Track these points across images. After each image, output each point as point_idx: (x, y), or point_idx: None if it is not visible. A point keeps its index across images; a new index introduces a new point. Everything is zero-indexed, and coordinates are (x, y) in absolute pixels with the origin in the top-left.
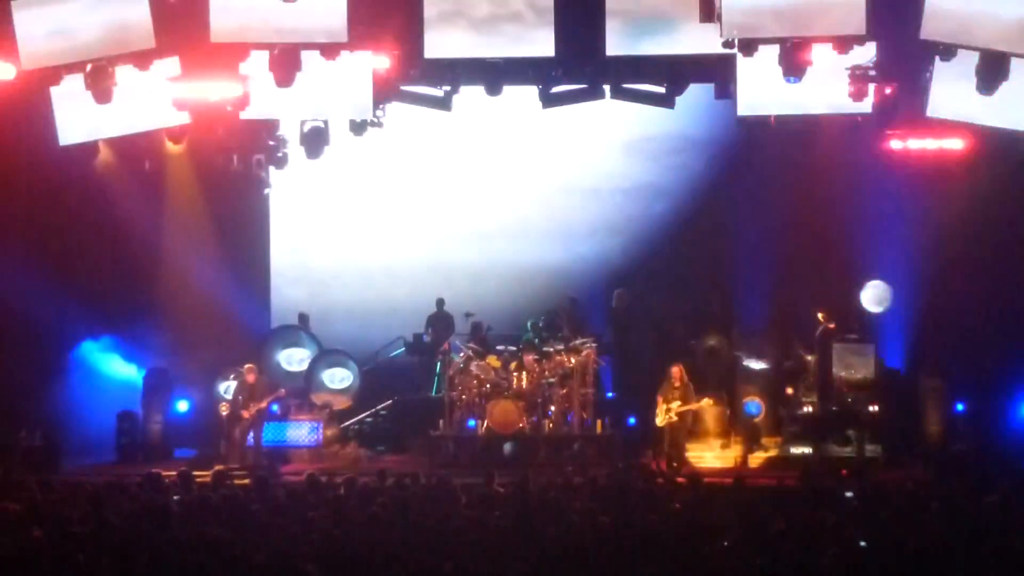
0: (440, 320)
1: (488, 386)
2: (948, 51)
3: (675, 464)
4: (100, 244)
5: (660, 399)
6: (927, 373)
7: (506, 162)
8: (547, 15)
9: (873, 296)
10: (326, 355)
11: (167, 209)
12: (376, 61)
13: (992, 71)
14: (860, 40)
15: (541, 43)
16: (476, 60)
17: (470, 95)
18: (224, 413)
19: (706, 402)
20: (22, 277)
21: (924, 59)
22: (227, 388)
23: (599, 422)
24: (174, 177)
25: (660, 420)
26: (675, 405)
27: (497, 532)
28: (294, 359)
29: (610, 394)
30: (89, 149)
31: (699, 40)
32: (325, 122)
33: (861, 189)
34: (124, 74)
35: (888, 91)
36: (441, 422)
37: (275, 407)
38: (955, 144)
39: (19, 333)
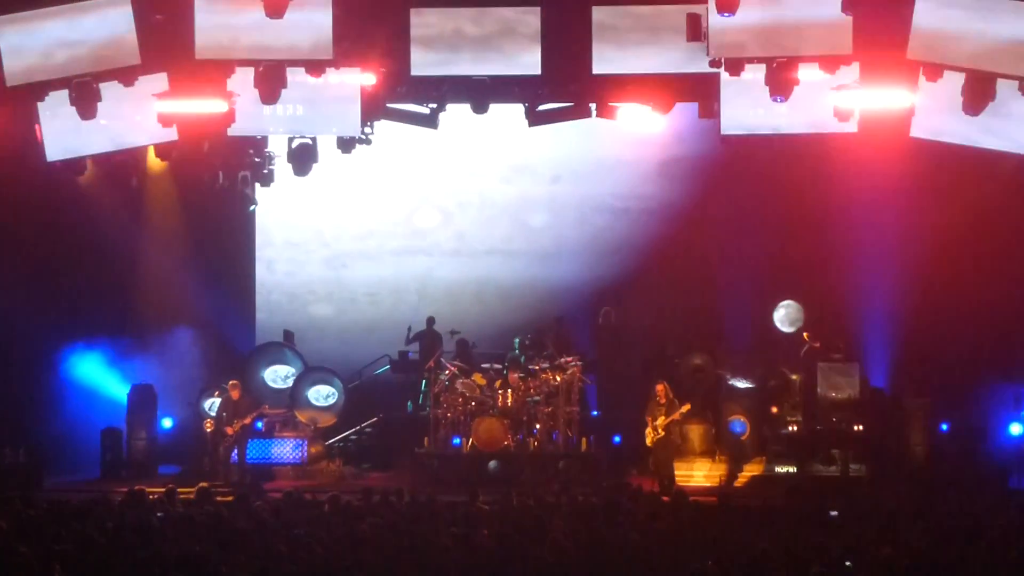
0: (429, 338)
1: (473, 404)
2: (934, 72)
3: (666, 483)
4: (87, 261)
5: (648, 419)
6: (912, 393)
7: (491, 181)
8: (534, 33)
9: (784, 316)
10: (311, 372)
11: (153, 226)
12: (363, 78)
13: (978, 92)
14: (846, 60)
15: (528, 61)
16: (463, 78)
17: (454, 112)
18: (208, 430)
19: (687, 408)
20: (7, 294)
21: (909, 79)
22: (211, 405)
23: (584, 440)
24: (160, 194)
25: (649, 439)
26: (660, 421)
27: (482, 550)
28: (279, 376)
29: (595, 412)
30: (77, 165)
31: (686, 59)
32: (313, 139)
33: (845, 208)
34: (110, 91)
35: (873, 111)
36: (426, 440)
37: (259, 424)
38: (940, 164)
39: (3, 349)
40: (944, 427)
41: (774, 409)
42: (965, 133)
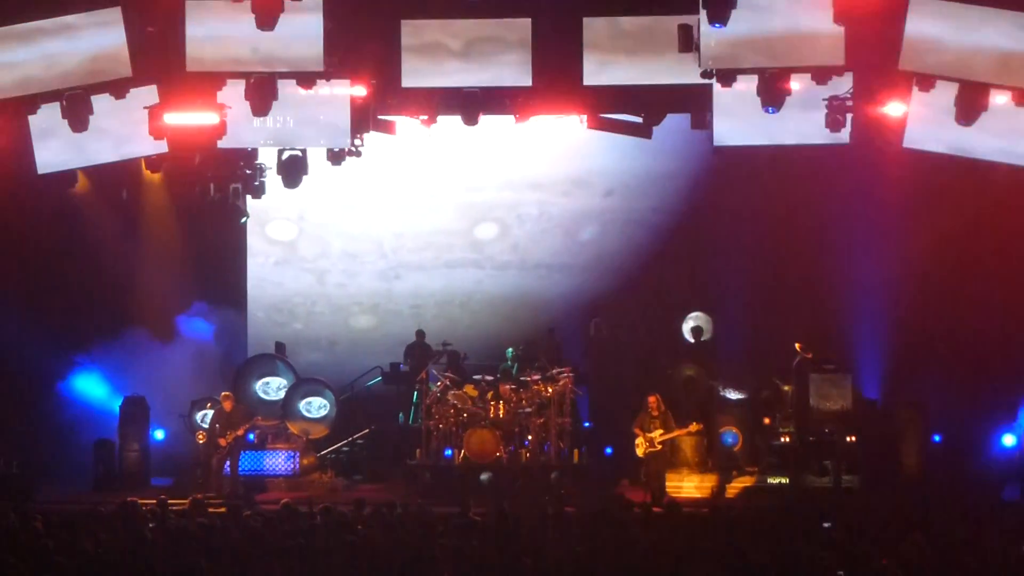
0: (419, 351)
1: (465, 415)
2: (926, 82)
3: (657, 494)
4: (78, 273)
5: (638, 430)
6: (904, 403)
7: (482, 191)
8: (525, 44)
9: (694, 328)
10: (303, 384)
11: (144, 238)
12: (353, 90)
13: (971, 102)
14: (839, 71)
15: (519, 72)
16: (453, 89)
17: (444, 123)
18: (201, 441)
19: (696, 427)
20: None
21: (902, 90)
22: (204, 416)
23: (576, 452)
24: (151, 206)
25: (640, 450)
26: (657, 434)
27: (474, 561)
28: (271, 388)
29: (587, 424)
30: (67, 177)
31: (677, 70)
32: (303, 151)
33: (838, 219)
34: (101, 103)
35: (865, 122)
36: (418, 451)
37: (252, 435)
38: (932, 175)
39: None
40: (937, 438)
41: (766, 420)
42: (958, 143)
